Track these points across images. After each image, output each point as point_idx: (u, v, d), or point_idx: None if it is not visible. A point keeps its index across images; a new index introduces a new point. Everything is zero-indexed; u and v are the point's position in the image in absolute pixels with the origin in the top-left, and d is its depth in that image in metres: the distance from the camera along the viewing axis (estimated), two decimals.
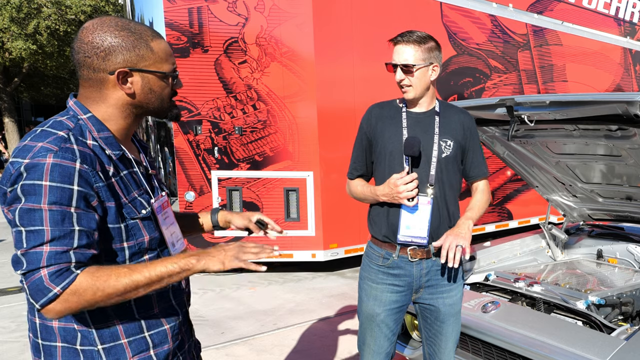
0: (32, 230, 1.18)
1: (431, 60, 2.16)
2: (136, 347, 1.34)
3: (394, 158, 2.20)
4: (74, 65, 1.37)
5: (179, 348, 1.46)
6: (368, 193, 2.27)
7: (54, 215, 1.18)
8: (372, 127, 2.29)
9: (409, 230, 2.18)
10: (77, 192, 1.21)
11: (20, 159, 1.20)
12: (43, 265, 1.17)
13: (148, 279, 1.25)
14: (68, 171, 1.20)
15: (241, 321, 4.70)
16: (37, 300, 1.18)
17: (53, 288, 1.17)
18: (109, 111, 1.34)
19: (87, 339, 1.30)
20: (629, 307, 2.67)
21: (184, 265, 1.30)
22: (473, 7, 6.99)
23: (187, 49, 5.65)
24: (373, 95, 6.18)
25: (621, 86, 9.14)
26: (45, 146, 1.20)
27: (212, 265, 1.34)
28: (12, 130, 18.41)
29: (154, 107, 1.39)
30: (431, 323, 2.31)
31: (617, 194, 3.33)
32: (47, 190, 1.18)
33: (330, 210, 5.90)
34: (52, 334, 1.31)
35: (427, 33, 2.19)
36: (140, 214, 1.35)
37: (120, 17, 1.37)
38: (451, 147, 2.20)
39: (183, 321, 1.49)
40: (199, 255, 1.33)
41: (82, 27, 1.32)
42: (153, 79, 1.35)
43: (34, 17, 14.68)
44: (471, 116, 2.32)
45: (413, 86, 2.16)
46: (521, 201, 7.65)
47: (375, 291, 2.28)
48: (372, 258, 2.31)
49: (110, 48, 1.29)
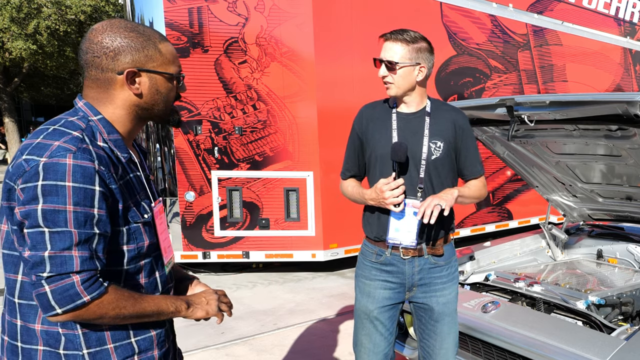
0: (58, 231, 1.16)
1: (418, 60, 2.14)
2: (122, 353, 1.33)
3: (384, 162, 2.20)
4: (74, 66, 1.38)
5: (164, 356, 1.45)
6: (357, 195, 2.28)
7: (77, 216, 1.18)
8: (363, 128, 2.29)
9: (397, 233, 2.18)
10: (98, 192, 1.21)
11: (36, 157, 1.19)
12: (76, 271, 1.17)
13: (152, 311, 1.32)
14: (89, 172, 1.20)
15: (241, 321, 4.70)
16: (62, 306, 1.17)
17: (84, 296, 1.18)
18: (117, 112, 1.35)
19: (72, 343, 1.28)
20: (629, 307, 2.68)
21: (177, 308, 1.39)
22: (473, 7, 6.99)
23: (187, 49, 5.65)
24: (373, 95, 6.13)
25: (621, 86, 9.13)
26: (63, 146, 1.20)
27: (198, 313, 1.44)
28: (12, 130, 18.40)
29: (159, 110, 1.40)
30: (425, 323, 2.30)
31: (617, 194, 3.33)
32: (70, 191, 1.17)
33: (330, 210, 5.90)
34: (34, 337, 1.28)
35: (420, 34, 2.17)
36: (143, 218, 1.36)
37: (129, 20, 1.39)
38: (441, 149, 2.18)
39: (169, 329, 1.49)
40: (188, 302, 1.42)
41: (92, 28, 1.33)
42: (160, 80, 1.37)
43: (34, 17, 14.66)
44: (464, 114, 2.30)
45: (395, 84, 2.15)
46: (521, 201, 7.64)
47: (368, 287, 2.29)
48: (366, 255, 2.33)
49: (120, 48, 1.30)
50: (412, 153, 2.16)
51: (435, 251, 2.24)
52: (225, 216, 5.88)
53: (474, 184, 2.29)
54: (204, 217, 5.88)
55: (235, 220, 5.91)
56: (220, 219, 5.88)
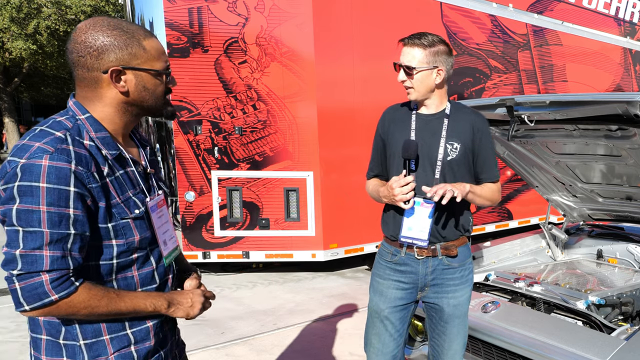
0: (30, 231, 1.20)
1: (436, 64, 2.15)
2: (118, 344, 1.36)
3: (402, 161, 2.22)
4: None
5: (161, 345, 1.48)
6: (375, 194, 2.32)
7: (51, 216, 1.20)
8: (385, 129, 2.33)
9: (410, 231, 2.20)
10: (73, 193, 1.23)
11: (17, 158, 1.22)
12: (45, 270, 1.20)
13: (127, 310, 1.33)
14: (64, 173, 1.22)
15: (241, 321, 4.70)
16: (29, 303, 1.21)
17: (52, 295, 1.21)
18: (106, 110, 1.36)
19: (70, 334, 1.33)
20: (629, 307, 2.67)
21: (156, 307, 1.39)
22: (473, 7, 6.99)
23: (187, 49, 5.65)
24: (373, 95, 6.19)
25: (621, 86, 9.13)
26: (42, 147, 1.22)
27: (179, 313, 1.45)
28: (12, 130, 18.42)
29: (149, 105, 1.41)
30: (436, 323, 2.32)
31: (617, 194, 3.33)
32: (44, 192, 1.20)
33: (330, 210, 5.90)
34: (39, 327, 1.34)
35: (438, 37, 2.19)
36: (133, 213, 1.37)
37: (114, 17, 1.40)
38: (458, 150, 2.19)
39: (166, 319, 1.51)
40: (170, 301, 1.43)
41: (76, 27, 1.35)
42: (146, 76, 1.37)
43: (34, 17, 14.67)
44: (484, 118, 2.30)
45: (414, 88, 2.18)
46: (521, 201, 7.64)
47: (381, 287, 2.31)
48: (382, 254, 2.36)
49: (103, 47, 1.31)
50: (429, 153, 2.19)
51: (449, 252, 2.25)
52: (225, 216, 5.88)
53: (488, 186, 2.30)
54: (204, 217, 5.88)
55: (235, 220, 5.91)
56: (220, 219, 5.88)
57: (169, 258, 1.50)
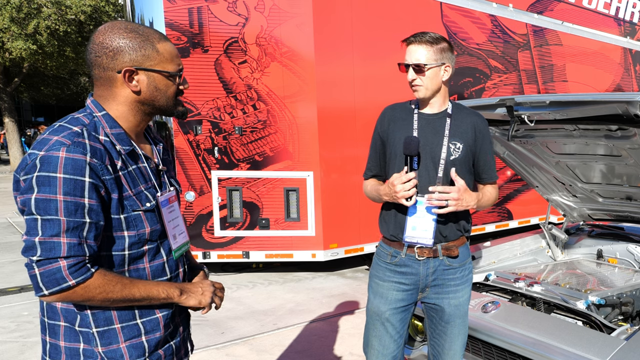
0: (48, 219, 1.26)
1: (443, 60, 2.18)
2: (129, 333, 1.42)
3: (403, 160, 2.21)
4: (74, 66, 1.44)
5: (171, 336, 1.53)
6: (374, 193, 2.30)
7: (68, 205, 1.27)
8: (384, 128, 2.32)
9: (414, 231, 2.19)
10: (88, 183, 1.29)
11: (37, 151, 1.29)
12: (63, 256, 1.26)
13: (141, 296, 1.40)
14: (80, 164, 1.28)
15: (241, 321, 4.70)
16: (48, 288, 1.27)
17: (69, 280, 1.27)
18: (120, 108, 1.44)
19: (84, 321, 1.39)
20: (629, 307, 2.67)
21: (168, 294, 1.45)
22: (473, 7, 6.99)
23: (187, 49, 5.65)
24: (373, 95, 6.19)
25: (621, 86, 9.14)
26: (60, 140, 1.30)
27: (191, 301, 1.51)
28: (12, 130, 18.40)
29: (160, 105, 1.48)
30: (436, 323, 2.32)
31: (617, 194, 3.33)
32: (61, 182, 1.26)
33: (330, 210, 5.90)
34: (57, 314, 1.40)
35: (440, 34, 2.21)
36: (144, 206, 1.44)
37: (131, 22, 1.47)
38: (460, 150, 2.20)
39: (179, 310, 1.56)
40: (182, 289, 1.49)
41: (96, 30, 1.43)
42: (158, 77, 1.44)
43: (34, 17, 14.65)
44: (484, 119, 2.31)
45: (424, 86, 2.18)
46: (521, 201, 7.64)
47: (381, 289, 2.30)
48: (381, 256, 2.34)
49: (119, 48, 1.39)
50: (432, 153, 2.19)
51: (450, 253, 2.25)
52: (225, 216, 5.88)
53: (489, 191, 2.32)
54: (204, 217, 5.88)
55: (235, 220, 5.91)
56: (220, 219, 5.88)
57: (178, 252, 1.56)
